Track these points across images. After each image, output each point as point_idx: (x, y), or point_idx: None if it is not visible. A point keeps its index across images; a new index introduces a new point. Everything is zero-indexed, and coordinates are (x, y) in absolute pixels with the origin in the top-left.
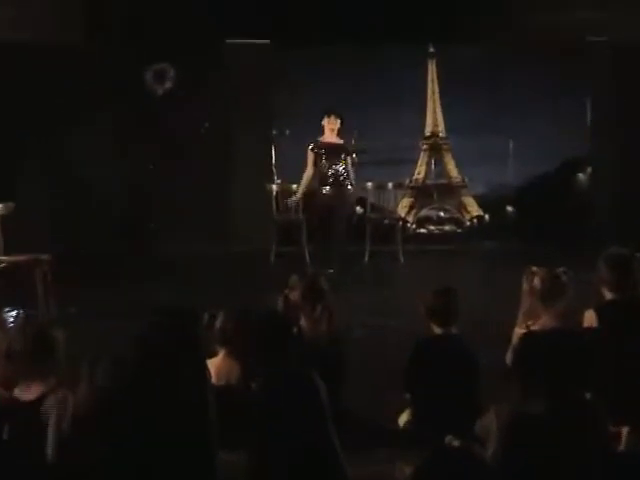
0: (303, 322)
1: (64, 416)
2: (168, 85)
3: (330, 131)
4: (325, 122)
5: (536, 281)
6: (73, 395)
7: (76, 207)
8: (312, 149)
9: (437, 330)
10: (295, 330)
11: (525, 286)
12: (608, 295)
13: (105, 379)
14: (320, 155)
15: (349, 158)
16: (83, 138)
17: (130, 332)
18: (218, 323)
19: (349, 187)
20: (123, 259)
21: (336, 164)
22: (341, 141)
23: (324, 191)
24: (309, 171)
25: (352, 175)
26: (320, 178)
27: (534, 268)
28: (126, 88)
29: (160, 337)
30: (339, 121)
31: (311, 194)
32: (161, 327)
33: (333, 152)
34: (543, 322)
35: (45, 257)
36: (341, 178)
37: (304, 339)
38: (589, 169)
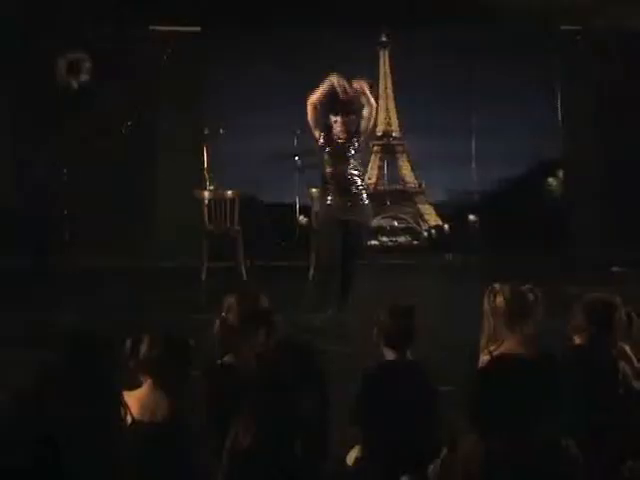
0: (243, 349)
1: None
2: (84, 77)
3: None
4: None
5: (499, 300)
6: None
7: None
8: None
9: (390, 355)
10: (231, 358)
11: (486, 306)
12: (577, 340)
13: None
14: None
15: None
16: None
17: (30, 363)
18: (142, 349)
19: (366, 200)
20: (23, 276)
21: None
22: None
23: (329, 201)
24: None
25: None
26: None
27: (496, 285)
28: (35, 80)
29: (65, 369)
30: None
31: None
32: (66, 357)
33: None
34: (507, 347)
35: None
36: (356, 180)
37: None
38: (561, 172)
